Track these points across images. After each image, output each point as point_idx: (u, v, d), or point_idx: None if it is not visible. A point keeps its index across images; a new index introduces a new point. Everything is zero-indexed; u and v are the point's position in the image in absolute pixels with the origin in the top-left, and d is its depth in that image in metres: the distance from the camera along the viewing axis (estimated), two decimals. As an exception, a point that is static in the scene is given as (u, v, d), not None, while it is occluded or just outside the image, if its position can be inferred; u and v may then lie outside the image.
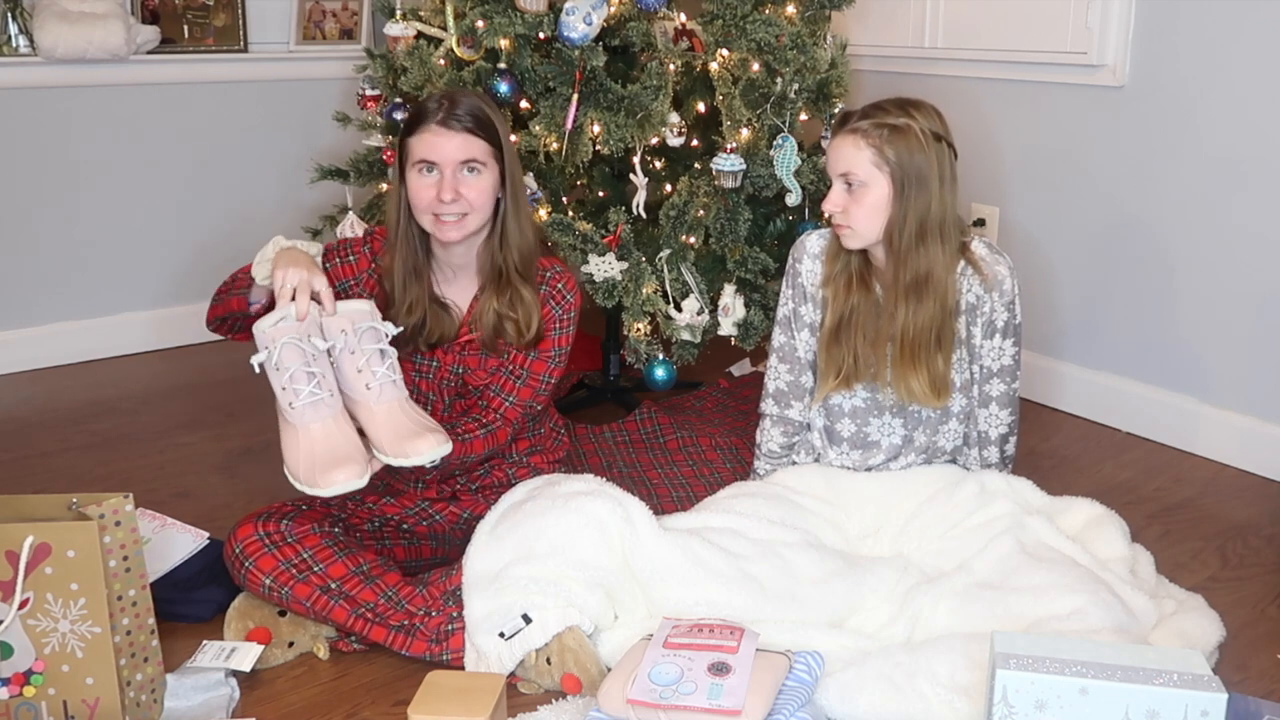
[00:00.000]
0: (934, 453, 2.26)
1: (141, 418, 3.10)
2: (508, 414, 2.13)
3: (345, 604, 1.91)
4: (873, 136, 2.05)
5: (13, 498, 1.71)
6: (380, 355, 1.90)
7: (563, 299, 2.14)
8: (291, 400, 1.83)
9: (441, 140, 1.99)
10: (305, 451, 1.84)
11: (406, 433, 1.89)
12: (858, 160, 2.07)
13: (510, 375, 2.14)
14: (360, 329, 1.88)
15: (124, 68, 3.46)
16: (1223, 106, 2.68)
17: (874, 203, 2.07)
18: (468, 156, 2.00)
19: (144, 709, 1.71)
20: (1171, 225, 2.82)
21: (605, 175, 2.86)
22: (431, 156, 2.00)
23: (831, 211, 2.11)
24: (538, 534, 1.91)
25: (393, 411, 1.91)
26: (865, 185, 2.06)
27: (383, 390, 1.90)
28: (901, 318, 2.10)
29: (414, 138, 2.02)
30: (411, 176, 2.02)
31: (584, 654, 1.82)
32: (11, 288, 3.44)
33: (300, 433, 1.85)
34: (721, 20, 2.62)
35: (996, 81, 3.14)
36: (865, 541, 2.18)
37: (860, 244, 2.12)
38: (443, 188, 1.98)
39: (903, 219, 2.06)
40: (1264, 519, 2.49)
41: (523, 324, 2.09)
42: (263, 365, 1.84)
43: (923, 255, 2.08)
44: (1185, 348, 2.84)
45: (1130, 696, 1.46)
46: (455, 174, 2.00)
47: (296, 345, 1.82)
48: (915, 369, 2.12)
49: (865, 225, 2.09)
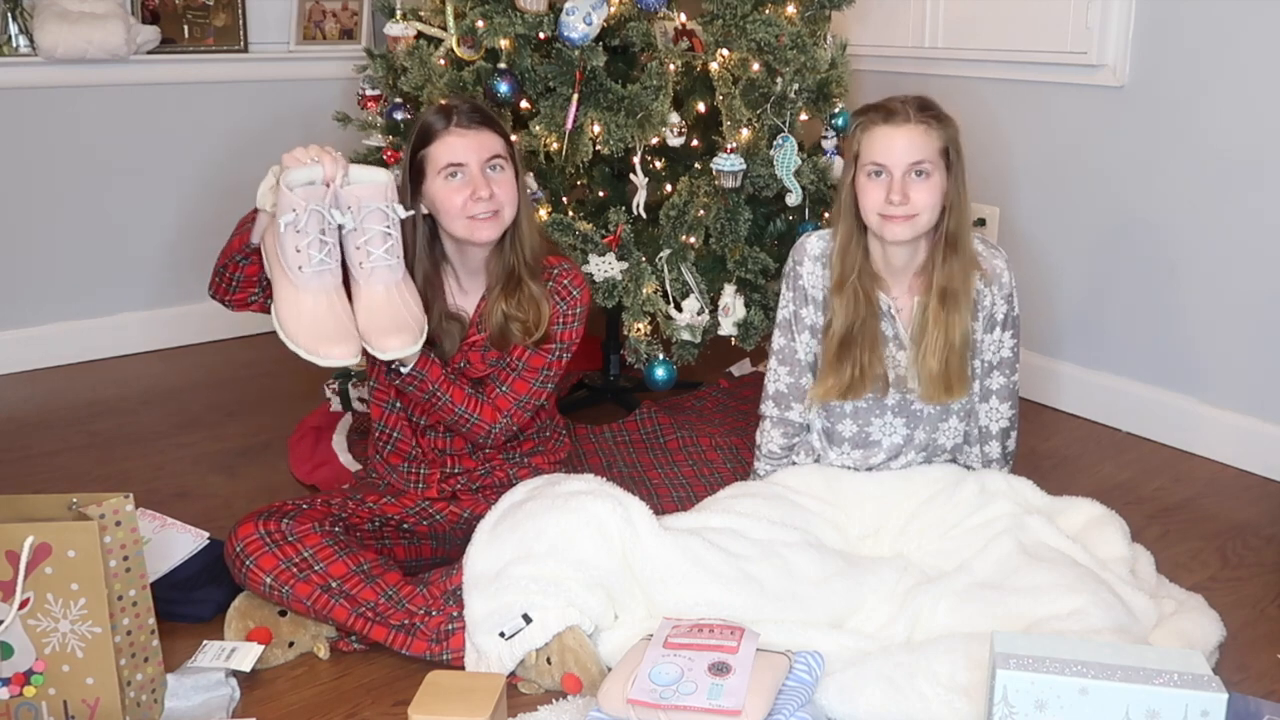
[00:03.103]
0: (934, 450, 2.26)
1: (141, 418, 3.10)
2: (499, 402, 2.13)
3: (346, 603, 1.91)
4: (936, 128, 2.06)
5: (13, 498, 1.71)
6: (382, 237, 1.88)
7: (569, 295, 2.14)
8: (302, 264, 1.83)
9: (465, 140, 2.00)
10: (308, 318, 1.83)
11: (383, 324, 1.88)
12: (930, 148, 2.05)
13: (507, 367, 2.14)
14: (368, 208, 1.86)
15: (124, 68, 3.46)
16: (1222, 107, 2.68)
17: (938, 191, 2.06)
18: (492, 153, 2.02)
19: (144, 709, 1.72)
20: (1171, 225, 2.82)
21: (605, 175, 2.86)
22: (458, 158, 2.00)
23: (898, 202, 2.04)
24: (538, 534, 1.91)
25: (376, 298, 1.89)
26: (930, 175, 2.05)
27: (374, 272, 1.88)
28: (957, 319, 2.10)
29: (432, 147, 2.01)
30: (438, 185, 2.01)
31: (584, 654, 1.82)
32: (11, 288, 3.44)
33: (303, 296, 1.84)
34: (721, 20, 2.62)
35: (997, 82, 3.14)
36: (865, 542, 2.18)
37: (913, 233, 2.08)
38: (476, 186, 1.99)
39: (957, 214, 2.08)
40: (1264, 519, 2.49)
41: (531, 323, 2.09)
42: (288, 225, 1.81)
43: (965, 253, 2.10)
44: (1185, 348, 2.84)
45: (1130, 696, 1.46)
46: (483, 171, 2.01)
47: (319, 212, 1.81)
48: (956, 368, 2.12)
49: (928, 215, 2.06)
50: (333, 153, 1.87)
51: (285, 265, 1.85)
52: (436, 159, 2.01)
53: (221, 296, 2.04)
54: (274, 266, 1.89)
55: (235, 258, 1.98)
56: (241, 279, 2.00)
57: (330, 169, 1.84)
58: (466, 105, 2.05)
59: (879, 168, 2.06)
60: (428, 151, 2.02)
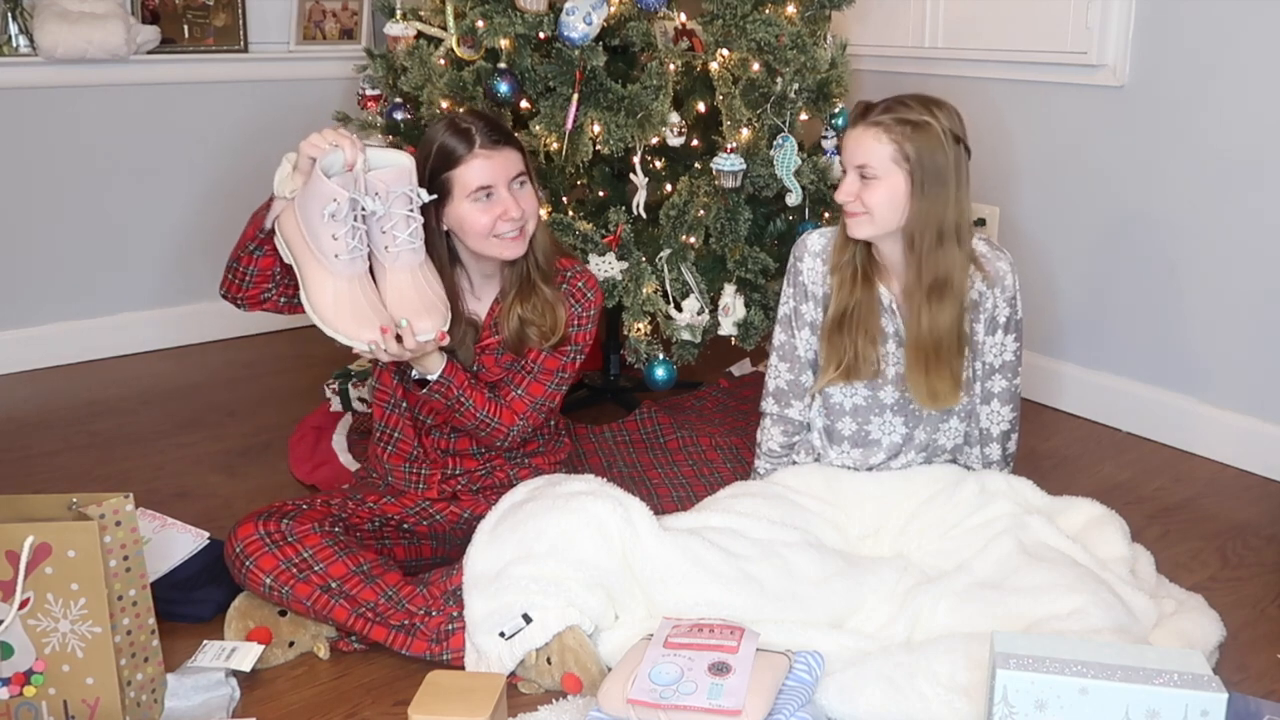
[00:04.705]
0: (934, 451, 2.26)
1: (141, 418, 3.10)
2: (515, 404, 2.13)
3: (345, 603, 1.91)
4: (894, 131, 2.03)
5: (13, 498, 1.71)
6: (406, 220, 1.90)
7: (583, 297, 2.15)
8: (339, 251, 1.85)
9: (494, 163, 1.99)
10: (346, 304, 1.87)
11: (415, 306, 1.91)
12: (876, 153, 2.04)
13: (522, 370, 2.15)
14: (394, 193, 1.88)
15: (124, 68, 3.46)
16: (1222, 107, 2.68)
17: (888, 195, 2.05)
18: (517, 170, 2.02)
19: (144, 709, 1.72)
20: (1171, 225, 2.82)
21: (605, 175, 2.86)
22: (489, 181, 1.99)
23: (844, 201, 2.07)
24: (538, 534, 1.91)
25: (403, 281, 1.91)
26: (879, 179, 2.04)
27: (399, 256, 1.91)
28: (926, 322, 2.09)
29: (458, 170, 1.99)
30: (466, 207, 2.00)
31: (585, 654, 1.82)
32: (11, 288, 3.44)
33: (340, 283, 1.87)
34: (721, 20, 2.62)
35: (997, 81, 3.14)
36: (865, 541, 2.18)
37: (872, 232, 2.08)
38: (508, 207, 1.99)
39: (923, 219, 2.05)
40: (1264, 519, 2.49)
41: (547, 328, 2.09)
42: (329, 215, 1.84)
43: (942, 257, 2.08)
44: (1185, 347, 2.84)
45: (1130, 696, 1.46)
46: (511, 190, 2.00)
47: (353, 199, 1.84)
48: (939, 372, 2.11)
49: (881, 214, 2.05)
50: (350, 136, 1.86)
51: (319, 253, 1.86)
52: (466, 183, 1.99)
53: (234, 294, 2.04)
54: (301, 254, 1.89)
55: (249, 247, 1.97)
56: (255, 273, 1.99)
57: (351, 153, 1.85)
58: (483, 123, 2.02)
59: (846, 164, 2.11)
60: (454, 175, 1.99)
